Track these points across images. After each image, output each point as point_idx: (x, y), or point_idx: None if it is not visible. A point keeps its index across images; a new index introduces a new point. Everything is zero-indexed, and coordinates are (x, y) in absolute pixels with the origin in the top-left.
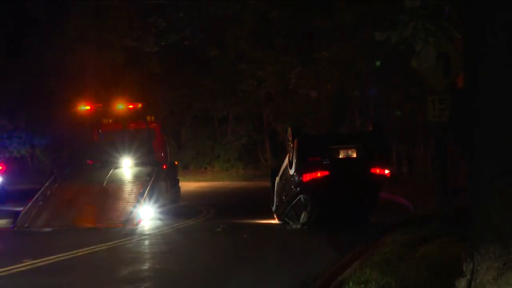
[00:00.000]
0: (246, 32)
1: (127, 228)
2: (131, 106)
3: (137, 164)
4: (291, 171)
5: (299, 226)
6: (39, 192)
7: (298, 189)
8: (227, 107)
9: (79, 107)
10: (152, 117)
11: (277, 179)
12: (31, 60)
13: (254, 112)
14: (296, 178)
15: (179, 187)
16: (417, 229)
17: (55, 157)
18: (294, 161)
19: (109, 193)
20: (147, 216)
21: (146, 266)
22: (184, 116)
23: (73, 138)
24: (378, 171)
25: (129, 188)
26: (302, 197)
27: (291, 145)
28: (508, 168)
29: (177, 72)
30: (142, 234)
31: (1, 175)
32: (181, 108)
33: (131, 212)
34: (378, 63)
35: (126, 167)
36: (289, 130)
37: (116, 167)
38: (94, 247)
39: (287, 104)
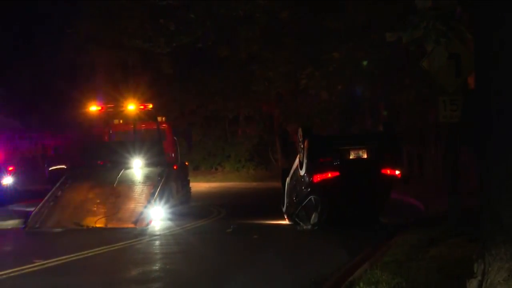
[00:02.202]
0: (257, 33)
1: (137, 229)
2: (142, 107)
3: (147, 165)
4: (302, 172)
5: (309, 226)
6: (50, 192)
7: (309, 189)
8: (238, 108)
9: (90, 108)
10: (163, 118)
11: (288, 179)
12: (43, 61)
13: (265, 112)
14: (307, 178)
15: (189, 188)
16: (428, 230)
17: (66, 158)
18: (305, 161)
19: (120, 193)
20: (157, 216)
21: (156, 266)
22: (195, 117)
23: (84, 139)
24: (388, 171)
25: (139, 189)
26: (312, 198)
27: (302, 146)
28: None
29: (188, 73)
30: (152, 235)
31: (12, 175)
32: (191, 109)
33: (141, 213)
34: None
35: (137, 168)
36: (299, 130)
37: (127, 168)
38: (104, 247)
39: (297, 104)
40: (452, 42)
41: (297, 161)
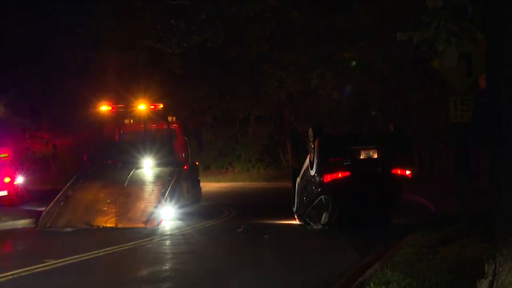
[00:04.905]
0: (267, 33)
1: (148, 229)
2: (152, 107)
3: (158, 165)
4: (312, 172)
5: (320, 226)
6: (61, 192)
7: (319, 189)
8: (249, 108)
9: (101, 108)
10: (173, 118)
11: (298, 179)
12: (54, 60)
13: (275, 112)
14: (317, 178)
15: (200, 188)
16: (439, 230)
17: (77, 158)
18: (315, 161)
19: (130, 193)
20: (168, 216)
21: (167, 266)
22: (206, 117)
23: (94, 139)
24: (399, 171)
25: (150, 189)
26: (323, 198)
27: (312, 146)
28: None
29: (198, 73)
30: (163, 235)
31: (23, 175)
32: (202, 109)
33: (152, 213)
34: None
35: (147, 168)
36: (310, 130)
37: (138, 168)
38: (115, 247)
39: (308, 104)
40: (463, 42)
41: (307, 161)
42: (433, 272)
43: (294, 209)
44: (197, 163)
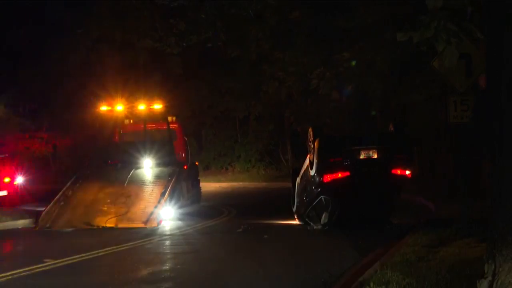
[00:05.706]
0: (267, 33)
1: (148, 229)
2: (152, 107)
3: (158, 165)
4: (312, 172)
5: (320, 226)
6: (61, 192)
7: (319, 189)
8: (248, 108)
9: (101, 108)
10: (173, 118)
11: (298, 179)
12: (53, 61)
13: (275, 112)
14: (317, 178)
15: (200, 188)
16: (439, 230)
17: (77, 158)
18: (315, 161)
19: (130, 193)
20: (168, 216)
21: (167, 266)
22: (205, 117)
23: (94, 139)
24: (399, 172)
25: (150, 189)
26: (323, 198)
27: (312, 146)
28: None
29: (198, 73)
30: (163, 235)
31: (23, 175)
32: (202, 109)
33: (152, 213)
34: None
35: (147, 168)
36: (310, 130)
37: (137, 168)
38: (115, 247)
39: (308, 104)
40: (463, 42)
41: (307, 161)
42: (433, 272)
43: (294, 209)
44: (197, 163)
